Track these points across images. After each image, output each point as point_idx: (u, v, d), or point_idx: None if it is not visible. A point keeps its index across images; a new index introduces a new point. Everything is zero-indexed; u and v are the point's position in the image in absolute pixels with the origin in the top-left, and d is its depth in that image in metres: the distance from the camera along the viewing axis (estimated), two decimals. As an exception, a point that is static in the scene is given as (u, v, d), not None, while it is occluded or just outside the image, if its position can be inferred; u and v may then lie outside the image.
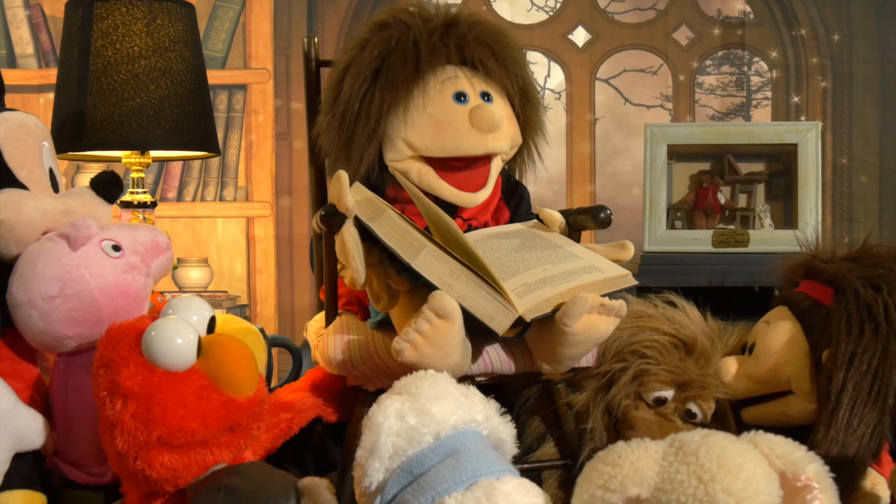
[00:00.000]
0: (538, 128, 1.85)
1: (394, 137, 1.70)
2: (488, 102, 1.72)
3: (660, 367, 1.70)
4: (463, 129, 1.68)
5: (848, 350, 1.56)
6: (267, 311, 3.45)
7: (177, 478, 1.39)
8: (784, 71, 3.47)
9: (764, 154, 2.43)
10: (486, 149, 1.70)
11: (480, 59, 1.72)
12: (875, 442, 1.53)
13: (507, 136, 1.75)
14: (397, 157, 1.71)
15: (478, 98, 1.71)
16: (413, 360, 1.43)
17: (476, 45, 1.73)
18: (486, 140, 1.69)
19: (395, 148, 1.71)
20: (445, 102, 1.70)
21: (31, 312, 1.58)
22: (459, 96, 1.70)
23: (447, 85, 1.70)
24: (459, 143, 1.69)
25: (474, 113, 1.68)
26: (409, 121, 1.69)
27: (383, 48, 1.70)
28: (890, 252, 1.67)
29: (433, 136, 1.69)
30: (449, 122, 1.69)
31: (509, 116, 1.76)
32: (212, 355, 1.42)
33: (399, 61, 1.68)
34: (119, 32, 2.15)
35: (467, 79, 1.72)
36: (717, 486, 1.16)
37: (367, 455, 1.29)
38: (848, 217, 3.43)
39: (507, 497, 1.24)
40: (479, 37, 1.74)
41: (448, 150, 1.69)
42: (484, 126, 1.68)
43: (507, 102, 1.77)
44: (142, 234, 1.72)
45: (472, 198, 1.73)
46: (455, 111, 1.69)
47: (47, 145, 1.76)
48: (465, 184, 1.72)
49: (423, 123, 1.69)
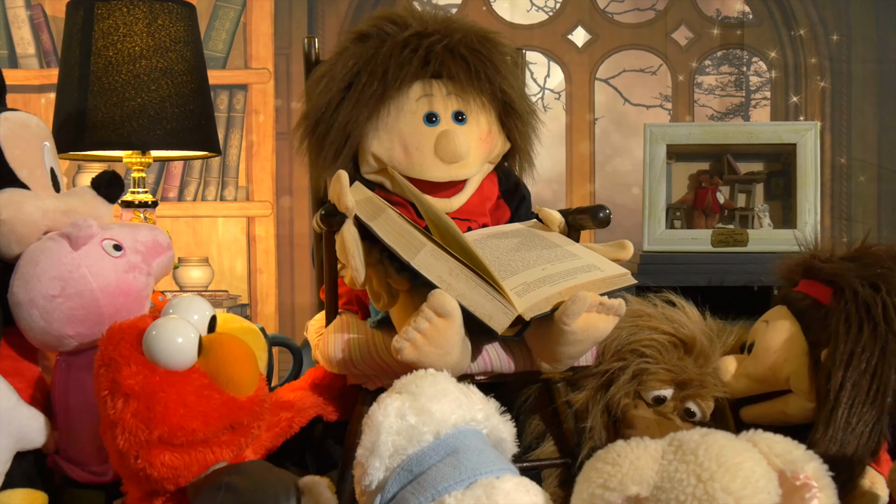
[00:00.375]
0: (527, 137, 1.81)
1: (364, 151, 1.71)
2: (461, 124, 1.70)
3: (659, 366, 1.70)
4: (428, 156, 1.68)
5: (847, 349, 1.56)
6: (267, 310, 3.45)
7: (177, 476, 1.39)
8: (783, 71, 3.47)
9: (763, 154, 2.43)
10: (451, 177, 1.70)
11: (451, 73, 1.69)
12: (873, 441, 1.53)
13: (475, 161, 1.72)
14: (369, 169, 1.72)
15: (449, 120, 1.70)
16: (413, 358, 1.43)
17: (448, 58, 1.69)
18: (451, 169, 1.69)
19: (366, 161, 1.72)
20: (415, 123, 1.69)
21: (33, 311, 1.58)
22: (430, 117, 1.69)
23: (420, 104, 1.69)
24: (424, 169, 1.69)
25: (439, 141, 1.67)
26: (378, 138, 1.69)
27: (356, 62, 1.68)
28: (888, 252, 1.67)
29: (401, 157, 1.69)
30: (416, 146, 1.68)
31: (483, 136, 1.73)
32: (212, 354, 1.42)
33: (368, 78, 1.67)
34: (120, 32, 2.15)
35: (442, 97, 1.70)
36: (717, 484, 1.16)
37: (368, 454, 1.29)
38: (847, 217, 3.43)
39: (507, 496, 1.24)
40: (453, 48, 1.69)
41: (415, 173, 1.69)
42: (447, 157, 1.67)
43: (485, 115, 1.74)
44: (143, 234, 1.72)
45: (448, 203, 1.73)
46: (423, 135, 1.68)
47: (48, 145, 1.76)
48: (440, 190, 1.72)
49: (392, 143, 1.69)
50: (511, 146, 1.82)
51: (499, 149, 1.79)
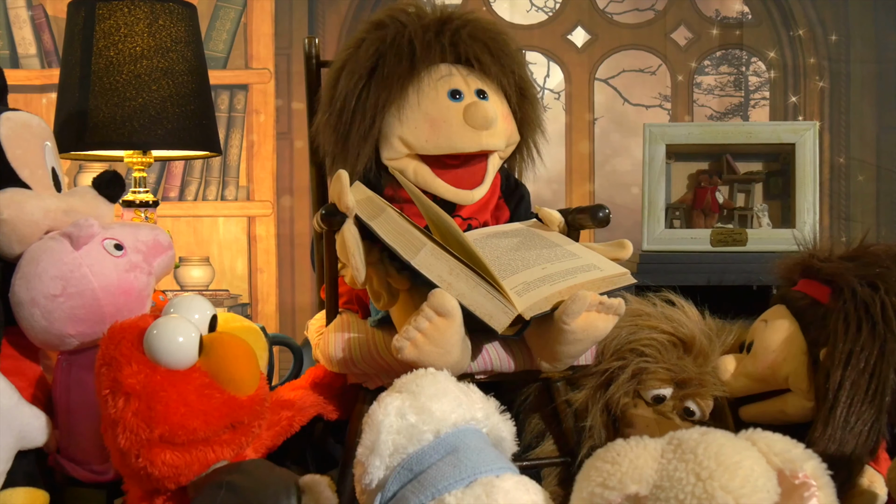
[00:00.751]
0: (536, 125, 1.84)
1: (389, 136, 1.70)
2: (483, 100, 1.72)
3: (658, 365, 1.70)
4: (457, 126, 1.69)
5: (845, 348, 1.56)
6: (268, 309, 3.45)
7: (178, 475, 1.39)
8: (782, 71, 3.47)
9: (762, 154, 2.43)
10: (481, 146, 1.71)
11: (475, 55, 1.73)
12: (872, 439, 1.53)
13: (501, 133, 1.75)
14: (393, 155, 1.71)
15: (473, 95, 1.72)
16: (413, 357, 1.43)
17: (471, 42, 1.73)
18: (481, 137, 1.70)
19: (391, 146, 1.71)
20: (440, 100, 1.70)
21: (34, 311, 1.58)
22: (454, 94, 1.70)
23: (442, 83, 1.71)
24: (454, 140, 1.69)
25: (468, 110, 1.69)
26: (404, 119, 1.69)
27: (379, 46, 1.71)
28: (887, 251, 1.67)
29: (428, 134, 1.69)
30: (443, 119, 1.69)
31: (505, 114, 1.76)
32: (213, 353, 1.42)
33: (394, 59, 1.69)
34: (121, 33, 2.15)
35: (462, 76, 1.72)
36: (716, 483, 1.16)
37: (368, 453, 1.29)
38: (845, 216, 3.43)
39: (507, 494, 1.24)
40: (474, 34, 1.74)
41: (442, 147, 1.69)
42: (478, 123, 1.68)
43: (503, 99, 1.77)
44: (144, 233, 1.72)
45: (468, 195, 1.73)
46: (449, 108, 1.69)
47: (50, 145, 1.76)
48: (462, 181, 1.72)
49: (418, 121, 1.69)
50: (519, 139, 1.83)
51: (513, 136, 1.80)
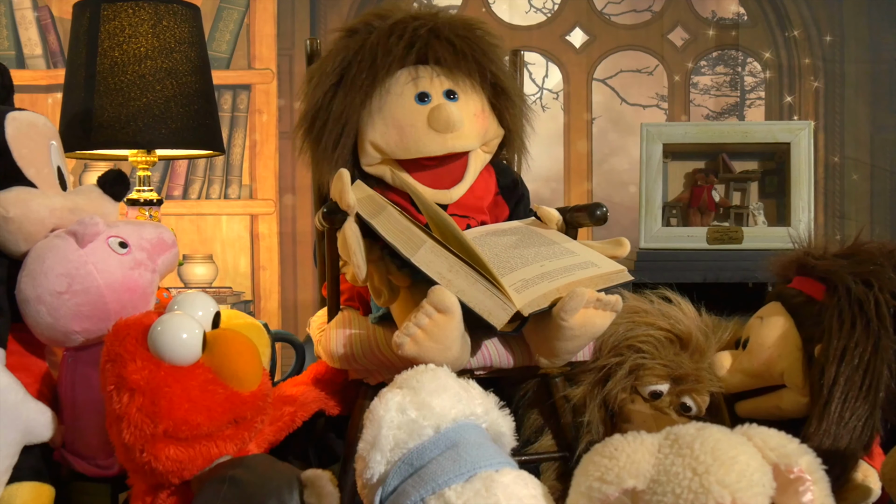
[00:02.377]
0: (518, 118, 1.82)
1: (363, 142, 1.71)
2: (452, 100, 1.71)
3: (655, 361, 1.70)
4: (423, 131, 1.68)
5: (840, 345, 1.56)
6: (271, 306, 3.45)
7: (182, 470, 1.39)
8: (777, 71, 3.46)
9: (757, 153, 2.43)
10: (447, 148, 1.70)
11: (438, 56, 1.71)
12: (866, 435, 1.53)
13: (471, 133, 1.72)
14: (369, 161, 1.72)
15: (440, 97, 1.70)
16: (413, 353, 1.43)
17: (434, 42, 1.70)
18: (446, 140, 1.69)
19: (365, 152, 1.72)
20: (407, 104, 1.69)
21: (40, 308, 1.58)
22: (422, 97, 1.70)
23: (409, 87, 1.70)
24: (420, 144, 1.69)
25: (432, 114, 1.68)
26: (373, 125, 1.69)
27: (345, 55, 1.70)
28: (881, 249, 1.67)
29: (397, 139, 1.69)
30: (409, 124, 1.68)
31: (476, 112, 1.74)
32: (217, 350, 1.41)
33: (357, 67, 1.68)
34: (126, 34, 2.15)
35: (430, 78, 1.71)
36: (712, 478, 1.16)
37: (369, 447, 1.29)
38: (840, 214, 3.43)
39: (506, 489, 1.24)
40: (437, 32, 1.71)
41: (411, 151, 1.69)
42: (440, 126, 1.67)
43: (477, 96, 1.75)
44: (148, 231, 1.71)
45: (446, 194, 1.73)
46: (415, 112, 1.69)
47: (55, 144, 1.76)
48: (440, 181, 1.72)
49: (386, 127, 1.69)
50: (505, 134, 1.82)
51: (493, 132, 1.78)
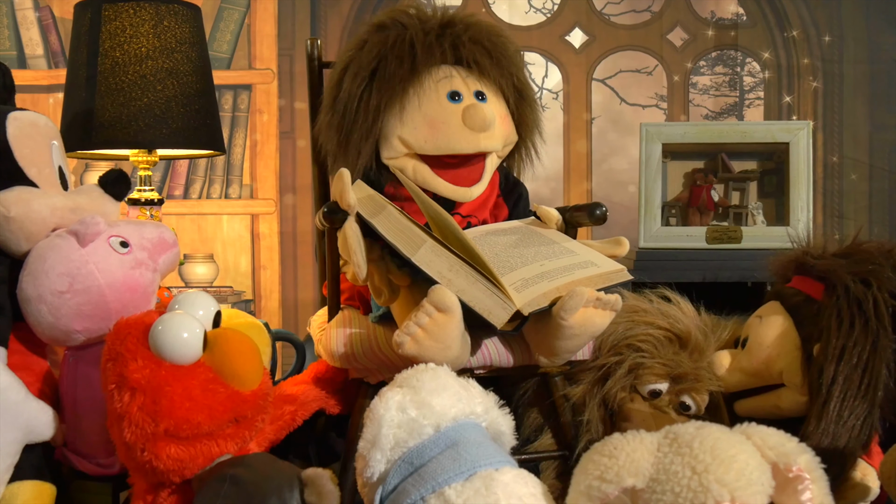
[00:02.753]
0: (534, 126, 1.85)
1: (389, 135, 1.71)
2: (482, 102, 1.72)
3: (654, 360, 1.70)
4: (456, 128, 1.69)
5: (838, 344, 1.56)
6: (271, 305, 3.45)
7: (183, 469, 1.39)
8: (776, 71, 3.46)
9: (756, 152, 2.43)
10: (479, 147, 1.71)
11: (475, 58, 1.73)
12: (865, 433, 1.53)
13: (499, 134, 1.75)
14: (393, 154, 1.72)
15: (472, 97, 1.72)
16: (413, 352, 1.43)
17: (471, 45, 1.73)
18: (479, 139, 1.70)
19: (390, 146, 1.71)
20: (440, 101, 1.70)
21: (41, 307, 1.58)
22: (454, 95, 1.71)
23: (442, 84, 1.71)
24: (452, 141, 1.69)
25: (467, 112, 1.69)
26: (404, 119, 1.70)
27: (381, 48, 1.71)
28: (879, 248, 1.67)
29: (427, 135, 1.69)
30: (442, 121, 1.69)
31: (503, 115, 1.77)
32: (217, 349, 1.41)
33: (395, 61, 1.69)
34: (127, 34, 2.15)
35: (462, 78, 1.73)
36: (711, 476, 1.16)
37: (369, 446, 1.29)
38: (838, 214, 3.43)
39: (506, 487, 1.24)
40: (474, 37, 1.74)
41: (441, 148, 1.69)
42: (476, 125, 1.69)
43: (501, 101, 1.77)
44: (149, 231, 1.71)
45: (466, 192, 1.73)
46: (449, 110, 1.70)
47: (56, 144, 1.76)
48: (460, 179, 1.73)
49: (417, 122, 1.69)
50: (517, 139, 1.83)
51: (511, 137, 1.81)
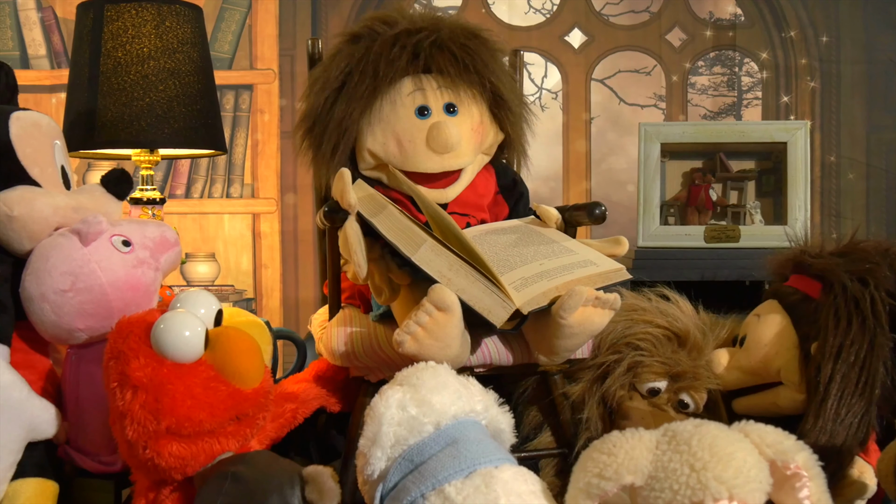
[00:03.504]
0: (518, 124, 1.82)
1: (361, 148, 1.71)
2: (452, 115, 1.71)
3: (653, 358, 1.70)
4: (421, 148, 1.68)
5: (836, 342, 1.56)
6: (272, 304, 3.45)
7: (185, 466, 1.39)
8: (774, 71, 3.46)
9: (754, 152, 2.43)
10: (444, 167, 1.71)
11: (440, 66, 1.70)
12: (862, 431, 1.53)
13: (467, 151, 1.72)
14: (366, 166, 1.73)
15: (441, 112, 1.70)
16: (413, 351, 1.43)
17: (436, 53, 1.70)
18: (443, 160, 1.70)
19: (363, 158, 1.72)
20: (407, 117, 1.69)
21: (44, 306, 1.58)
22: (422, 110, 1.69)
23: (410, 98, 1.70)
24: (418, 161, 1.69)
25: (431, 132, 1.67)
26: (373, 134, 1.70)
27: (348, 62, 1.69)
28: (876, 247, 1.67)
29: (395, 151, 1.70)
30: (409, 139, 1.69)
31: (474, 126, 1.74)
32: (219, 347, 1.41)
33: (360, 77, 1.68)
34: (129, 34, 2.15)
35: (433, 90, 1.71)
36: (709, 474, 1.16)
37: (370, 444, 1.29)
38: (836, 213, 3.43)
39: (506, 485, 1.24)
40: (440, 43, 1.70)
41: (408, 166, 1.70)
42: (438, 148, 1.68)
43: (476, 106, 1.74)
44: (151, 230, 1.71)
45: (443, 193, 1.73)
46: (415, 127, 1.69)
47: (59, 143, 1.76)
48: (436, 181, 1.73)
49: (385, 137, 1.69)
50: (505, 138, 1.82)
51: (491, 139, 1.79)
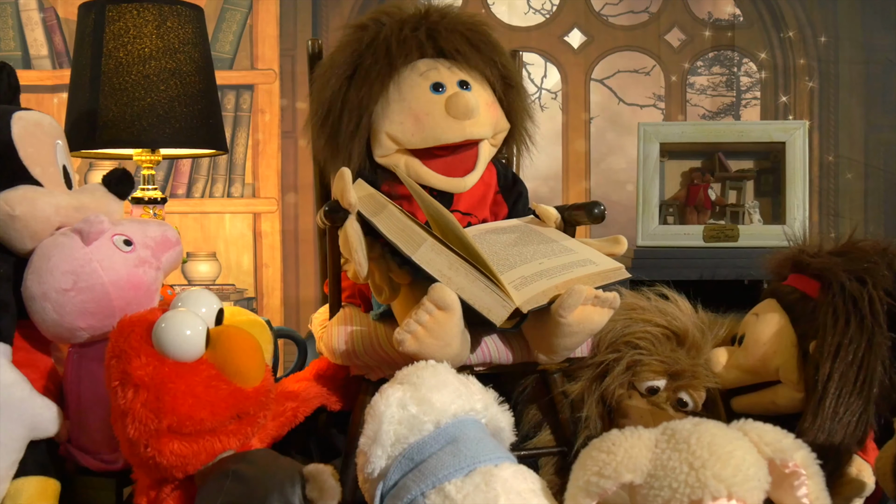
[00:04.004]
0: (524, 112, 1.83)
1: (377, 133, 1.70)
2: (466, 90, 1.71)
3: (652, 357, 1.70)
4: (440, 118, 1.68)
5: (834, 341, 1.56)
6: (273, 303, 3.44)
7: (186, 464, 1.39)
8: (772, 71, 3.46)
9: (753, 152, 2.43)
10: (465, 135, 1.69)
11: (455, 47, 1.72)
12: (860, 430, 1.53)
13: (486, 121, 1.73)
14: (383, 152, 1.71)
15: (455, 87, 1.71)
16: (414, 349, 1.43)
17: (448, 34, 1.72)
18: (464, 126, 1.69)
19: (380, 143, 1.71)
20: (422, 94, 1.69)
21: (46, 305, 1.58)
22: (437, 87, 1.70)
23: (424, 77, 1.70)
24: (438, 132, 1.68)
25: (450, 101, 1.68)
26: (388, 115, 1.69)
27: (356, 48, 1.70)
28: (874, 247, 1.67)
29: (413, 129, 1.68)
30: (426, 112, 1.68)
31: (489, 102, 1.75)
32: (220, 346, 1.41)
33: (371, 59, 1.68)
34: (130, 34, 2.14)
35: (445, 69, 1.72)
36: (708, 472, 1.16)
37: (370, 442, 1.29)
38: (834, 213, 3.43)
39: (505, 483, 1.24)
40: (451, 26, 1.73)
41: (428, 140, 1.69)
42: (459, 113, 1.67)
43: (487, 88, 1.76)
44: (152, 229, 1.71)
45: (460, 182, 1.73)
46: (432, 101, 1.69)
47: (61, 143, 1.76)
48: (453, 169, 1.72)
49: (402, 117, 1.69)
50: (510, 129, 1.82)
51: (501, 124, 1.79)
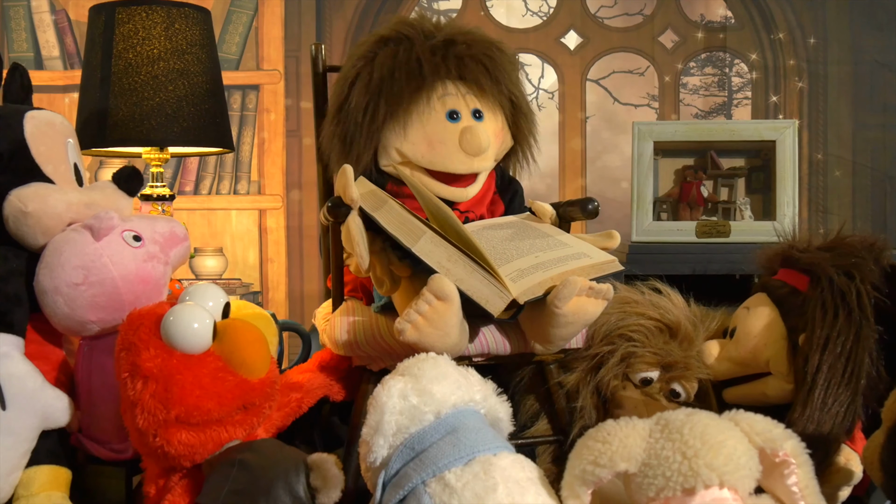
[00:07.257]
0: (528, 133, 1.85)
1: (388, 146, 1.71)
2: (479, 121, 1.73)
3: (646, 349, 1.69)
4: (453, 150, 1.70)
5: (823, 334, 1.56)
6: (278, 297, 3.44)
7: (193, 454, 1.39)
8: (763, 72, 3.45)
9: (744, 150, 2.43)
10: (472, 169, 1.73)
11: (475, 77, 1.73)
12: (848, 420, 1.53)
13: (492, 155, 1.77)
14: (389, 162, 1.73)
15: (469, 117, 1.73)
16: (414, 339, 1.43)
17: (472, 64, 1.74)
18: (473, 162, 1.72)
19: (388, 155, 1.72)
20: (439, 120, 1.70)
21: (57, 299, 1.58)
22: (452, 114, 1.71)
23: (441, 103, 1.71)
24: (447, 162, 1.71)
25: (464, 136, 1.69)
26: (405, 134, 1.70)
27: (391, 63, 1.70)
28: (862, 242, 1.67)
29: (425, 152, 1.70)
30: (440, 140, 1.70)
31: (498, 131, 1.78)
32: (226, 339, 1.41)
33: (404, 78, 1.69)
34: (139, 36, 2.14)
35: (461, 95, 1.73)
36: (701, 461, 1.16)
37: (372, 432, 1.29)
38: (823, 209, 3.42)
39: (504, 471, 1.24)
40: (475, 55, 1.74)
41: (436, 165, 1.71)
42: (472, 150, 1.70)
43: (498, 116, 1.78)
44: (161, 225, 1.71)
45: (462, 192, 1.75)
46: (447, 130, 1.70)
47: (72, 142, 1.76)
48: (455, 181, 1.73)
49: (417, 138, 1.70)
50: (513, 144, 1.84)
51: (506, 144, 1.81)
